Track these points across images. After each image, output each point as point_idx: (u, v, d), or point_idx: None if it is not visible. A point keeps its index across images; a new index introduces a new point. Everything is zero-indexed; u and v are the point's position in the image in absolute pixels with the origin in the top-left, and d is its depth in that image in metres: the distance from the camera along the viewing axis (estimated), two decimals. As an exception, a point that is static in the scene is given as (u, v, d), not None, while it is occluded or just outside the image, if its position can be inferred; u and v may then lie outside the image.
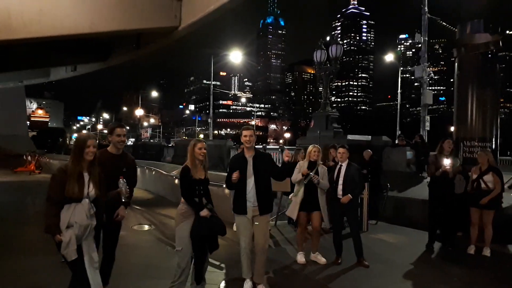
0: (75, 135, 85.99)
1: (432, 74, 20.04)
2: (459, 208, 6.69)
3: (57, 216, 3.07)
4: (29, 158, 22.17)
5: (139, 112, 74.53)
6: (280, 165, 7.54)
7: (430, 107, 19.27)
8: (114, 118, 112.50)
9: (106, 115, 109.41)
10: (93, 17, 7.59)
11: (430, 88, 20.16)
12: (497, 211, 6.28)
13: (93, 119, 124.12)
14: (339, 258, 5.62)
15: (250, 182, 4.36)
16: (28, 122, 50.28)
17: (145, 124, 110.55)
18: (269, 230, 5.55)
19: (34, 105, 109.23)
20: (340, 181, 5.57)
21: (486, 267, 5.71)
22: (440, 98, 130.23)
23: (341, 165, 5.68)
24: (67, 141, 71.48)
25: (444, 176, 6.35)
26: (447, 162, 6.27)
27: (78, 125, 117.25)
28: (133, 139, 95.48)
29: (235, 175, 4.26)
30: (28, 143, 34.67)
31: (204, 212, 3.97)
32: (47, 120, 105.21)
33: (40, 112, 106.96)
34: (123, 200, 3.70)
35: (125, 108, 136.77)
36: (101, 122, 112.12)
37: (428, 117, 18.06)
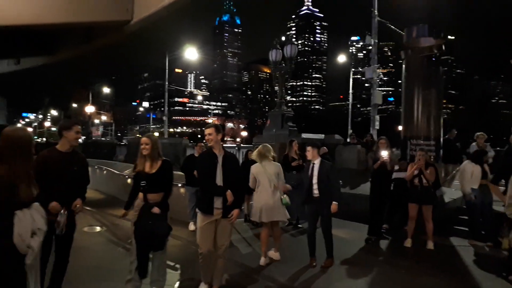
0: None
1: (382, 75, 20.88)
2: (404, 204, 7.05)
3: None
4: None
5: (89, 109, 71.55)
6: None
7: (379, 107, 20.00)
8: (63, 115, 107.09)
9: (54, 112, 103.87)
10: (39, 8, 7.20)
11: (380, 88, 20.99)
12: (435, 206, 6.63)
13: (40, 116, 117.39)
14: (314, 260, 5.45)
15: (219, 182, 4.13)
16: (-35, 119, 46.63)
17: (97, 121, 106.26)
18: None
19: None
20: (315, 180, 5.31)
21: (429, 259, 6.04)
22: (389, 99, 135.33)
23: (313, 164, 5.42)
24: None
25: (383, 168, 6.77)
26: (384, 153, 6.66)
27: (23, 122, 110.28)
28: (83, 137, 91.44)
29: None
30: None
31: (121, 212, 4.15)
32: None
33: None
34: (57, 232, 3.48)
35: (74, 105, 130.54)
36: (48, 119, 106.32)
37: (377, 117, 18.70)
